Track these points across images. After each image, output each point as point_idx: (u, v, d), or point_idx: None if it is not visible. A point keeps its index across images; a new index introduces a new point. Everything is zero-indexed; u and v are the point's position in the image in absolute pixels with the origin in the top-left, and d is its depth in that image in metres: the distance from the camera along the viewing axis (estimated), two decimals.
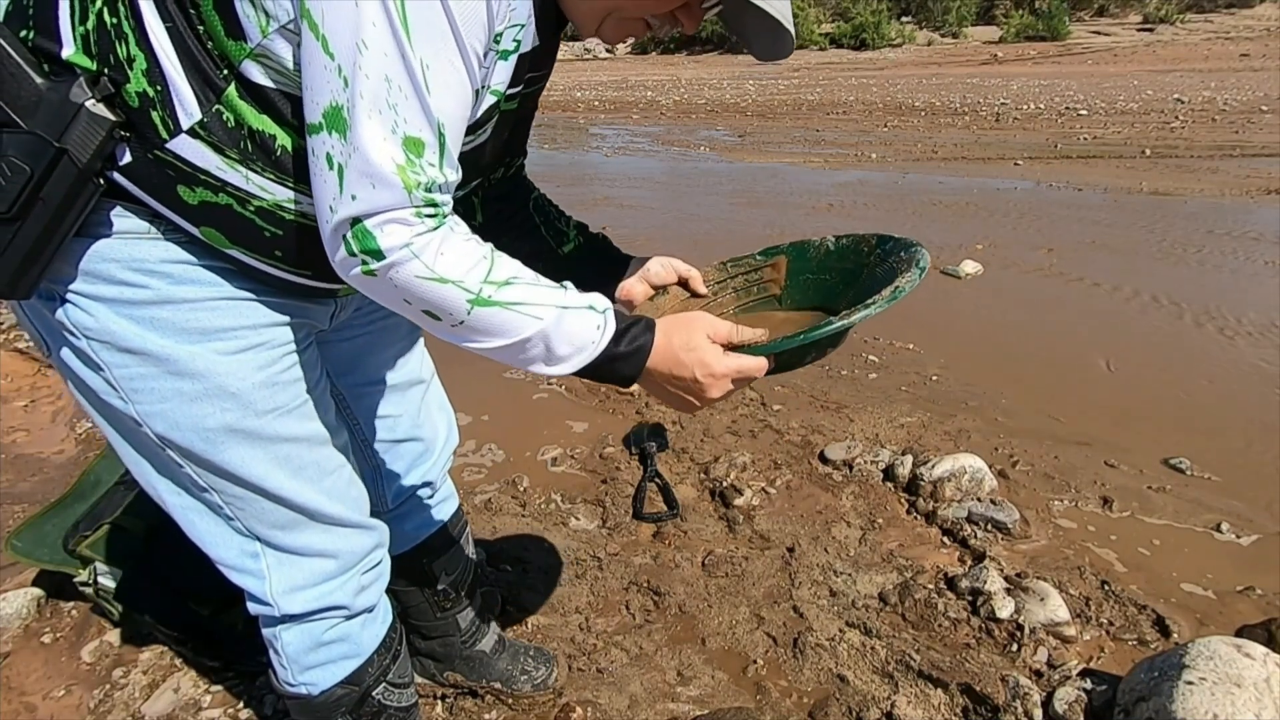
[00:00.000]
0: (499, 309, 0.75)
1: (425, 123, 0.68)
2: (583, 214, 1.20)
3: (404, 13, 0.64)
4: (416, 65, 0.66)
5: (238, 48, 0.71)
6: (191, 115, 0.72)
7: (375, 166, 0.67)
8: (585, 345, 0.80)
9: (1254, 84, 14.91)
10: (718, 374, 0.85)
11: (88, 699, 1.51)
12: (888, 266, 1.04)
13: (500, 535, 1.99)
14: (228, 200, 0.76)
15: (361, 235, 0.70)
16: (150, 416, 0.83)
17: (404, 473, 1.23)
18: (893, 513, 2.07)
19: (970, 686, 1.46)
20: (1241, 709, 1.19)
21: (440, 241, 0.73)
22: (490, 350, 0.78)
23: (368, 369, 1.13)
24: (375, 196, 0.68)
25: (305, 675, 1.02)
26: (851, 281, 1.10)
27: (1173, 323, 3.42)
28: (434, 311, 0.75)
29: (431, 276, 0.72)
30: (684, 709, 1.47)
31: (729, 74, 23.87)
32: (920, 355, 3.11)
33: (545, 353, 0.79)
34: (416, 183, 0.69)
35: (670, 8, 0.80)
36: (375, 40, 0.64)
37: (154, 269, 0.78)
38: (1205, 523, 2.00)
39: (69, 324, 0.79)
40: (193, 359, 0.81)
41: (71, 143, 0.70)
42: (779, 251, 1.19)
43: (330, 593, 0.98)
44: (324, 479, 0.94)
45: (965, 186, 6.46)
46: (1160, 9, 33.52)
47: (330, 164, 0.69)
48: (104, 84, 0.71)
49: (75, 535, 1.59)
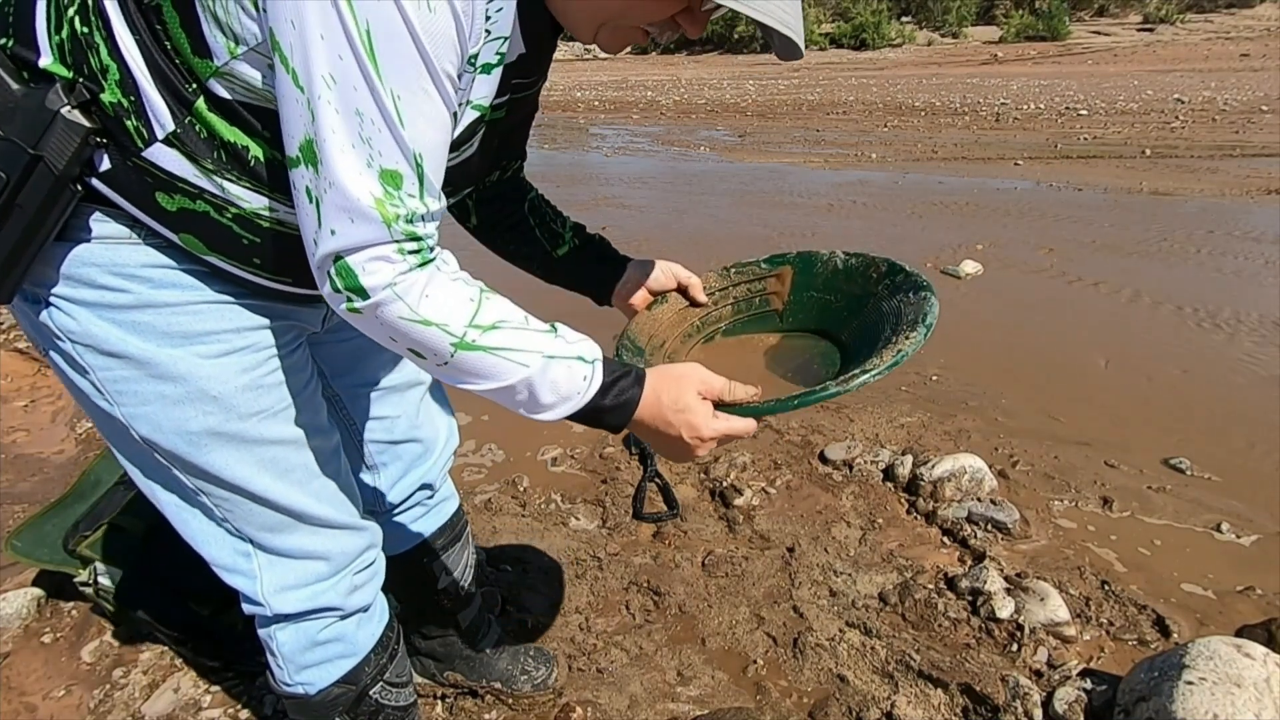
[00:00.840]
0: (483, 354, 0.74)
1: (401, 155, 0.67)
2: (582, 214, 1.20)
3: (370, 45, 0.63)
4: (387, 97, 0.64)
5: (204, 65, 0.70)
6: (165, 126, 0.72)
7: (352, 200, 0.66)
8: (570, 395, 0.79)
9: (1254, 84, 14.92)
10: (704, 437, 0.84)
11: (88, 699, 1.51)
12: (894, 303, 1.00)
13: (500, 535, 1.99)
14: (205, 207, 0.76)
15: (345, 273, 0.69)
16: (134, 419, 0.83)
17: (404, 474, 1.23)
18: (893, 513, 2.07)
19: (970, 686, 1.46)
20: (1241, 709, 1.19)
21: (425, 283, 0.72)
22: (478, 391, 0.77)
23: (365, 370, 1.12)
24: (354, 231, 0.68)
25: (301, 675, 1.02)
26: (856, 309, 1.07)
27: (1173, 323, 3.42)
28: (419, 351, 0.74)
29: (415, 319, 0.71)
30: (684, 709, 1.47)
31: (729, 74, 23.87)
32: (920, 355, 3.10)
33: (529, 399, 0.78)
34: (395, 215, 0.68)
35: (668, 14, 0.77)
36: (343, 73, 0.63)
37: (134, 273, 0.78)
38: (1205, 523, 2.00)
39: (53, 327, 0.80)
40: (174, 362, 0.81)
41: (48, 149, 0.70)
42: (785, 261, 1.16)
43: (322, 593, 0.98)
44: (312, 481, 0.94)
45: (965, 186, 6.46)
46: (1160, 9, 33.53)
47: (309, 197, 0.68)
48: (80, 90, 0.71)
49: (75, 535, 1.59)
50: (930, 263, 4.35)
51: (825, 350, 1.08)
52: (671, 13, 0.76)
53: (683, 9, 0.76)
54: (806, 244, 4.83)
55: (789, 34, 0.73)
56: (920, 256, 4.48)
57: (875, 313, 1.02)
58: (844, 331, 1.07)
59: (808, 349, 1.10)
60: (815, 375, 1.02)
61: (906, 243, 4.80)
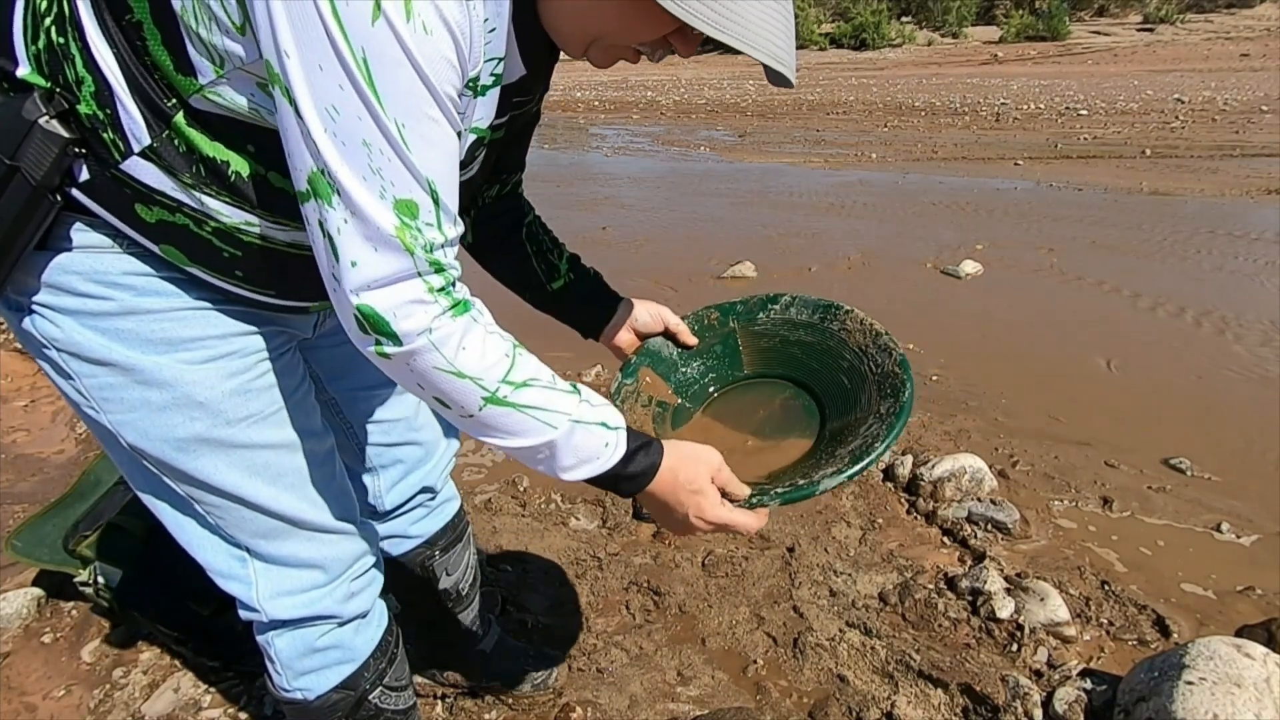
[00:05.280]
0: (512, 410, 0.74)
1: (414, 182, 0.65)
2: (582, 214, 1.20)
3: (369, 73, 0.61)
4: (391, 125, 0.63)
5: (188, 83, 0.69)
6: (141, 140, 0.71)
7: (375, 228, 0.65)
8: (591, 460, 0.79)
9: (1254, 84, 14.92)
10: (709, 521, 0.86)
11: (88, 699, 1.51)
12: (865, 369, 1.05)
13: (500, 535, 1.99)
14: (184, 220, 0.75)
15: (374, 318, 0.68)
16: (121, 426, 0.83)
17: (404, 476, 1.22)
18: (893, 513, 2.07)
19: (970, 686, 1.46)
20: (1241, 709, 1.19)
21: (463, 334, 0.71)
22: (498, 446, 0.77)
23: (361, 373, 1.11)
24: (378, 262, 0.66)
25: (300, 681, 1.01)
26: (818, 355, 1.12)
27: (1173, 323, 3.42)
28: (445, 401, 0.73)
29: (450, 370, 0.71)
30: (684, 709, 1.47)
31: (729, 74, 23.87)
32: (920, 355, 3.11)
33: (550, 459, 0.78)
34: (416, 244, 0.67)
35: (659, 35, 0.75)
36: (345, 104, 0.61)
37: (116, 280, 0.77)
38: (1205, 523, 2.00)
39: (38, 334, 0.79)
40: (159, 369, 0.80)
41: (25, 160, 0.68)
42: (733, 312, 1.19)
43: (318, 600, 0.97)
44: (305, 486, 0.93)
45: (965, 186, 6.46)
46: (1160, 9, 33.55)
47: (323, 231, 0.66)
48: (58, 101, 0.69)
49: (75, 535, 1.59)
50: (930, 263, 4.35)
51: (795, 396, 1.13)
52: (663, 33, 0.75)
53: (675, 30, 0.75)
54: (807, 244, 4.84)
55: (779, 68, 0.72)
56: (920, 256, 4.48)
57: (853, 374, 1.07)
58: (806, 371, 1.12)
59: (780, 402, 1.14)
60: (795, 429, 1.07)
61: (906, 242, 4.80)
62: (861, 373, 1.05)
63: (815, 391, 1.10)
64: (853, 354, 1.07)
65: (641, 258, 4.64)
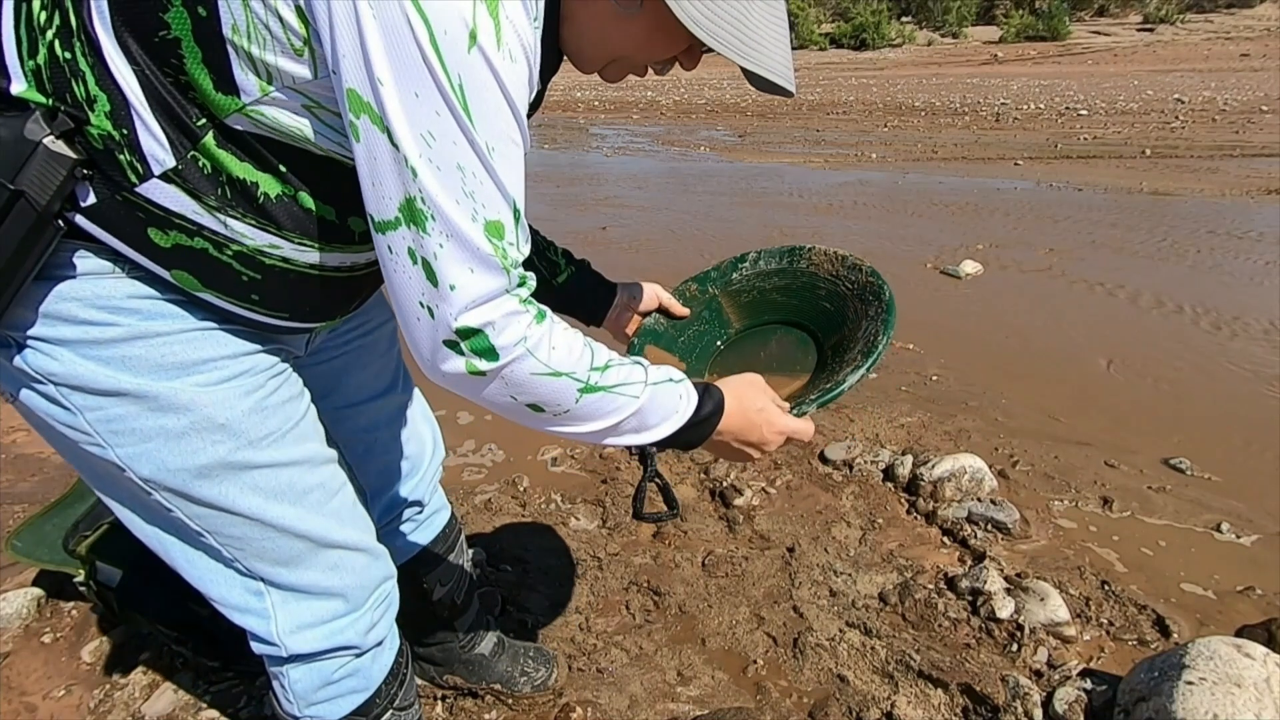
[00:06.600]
0: (604, 393, 0.77)
1: (503, 203, 0.67)
2: (582, 214, 1.22)
3: (464, 98, 0.62)
4: (484, 148, 0.64)
5: (228, 101, 0.67)
6: (164, 162, 0.68)
7: (474, 248, 0.66)
8: (671, 415, 0.83)
9: (1254, 84, 14.93)
10: (780, 432, 0.92)
11: (88, 699, 1.51)
12: (841, 289, 1.13)
13: (500, 535, 1.99)
14: (204, 244, 0.72)
15: (473, 337, 0.68)
16: (133, 459, 0.78)
17: (392, 490, 1.20)
18: (893, 513, 2.07)
19: (970, 686, 1.46)
20: (1241, 709, 1.19)
21: (548, 334, 0.72)
22: (583, 434, 0.79)
23: (347, 390, 1.10)
24: (476, 282, 0.67)
25: (311, 710, 0.99)
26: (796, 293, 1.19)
27: (1173, 322, 3.42)
28: (540, 405, 0.74)
29: (547, 371, 0.72)
30: (684, 709, 1.47)
31: (729, 74, 23.85)
32: (920, 355, 3.11)
33: (635, 428, 0.81)
34: (506, 262, 0.68)
35: (672, 54, 0.80)
36: (442, 130, 0.62)
37: (120, 305, 0.73)
38: (1205, 523, 2.00)
39: (30, 370, 0.74)
40: (174, 394, 0.76)
41: (28, 183, 0.64)
42: (708, 279, 1.27)
43: (340, 630, 0.94)
44: (329, 500, 0.91)
45: (965, 186, 6.46)
46: (1160, 9, 33.55)
47: (414, 259, 0.66)
48: (62, 119, 0.66)
49: (75, 535, 1.59)
50: (930, 263, 4.35)
51: (788, 333, 1.21)
52: (675, 53, 0.80)
53: (683, 49, 0.80)
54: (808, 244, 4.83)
55: (783, 83, 0.77)
56: (920, 256, 4.48)
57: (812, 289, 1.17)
58: (789, 311, 1.20)
59: (775, 340, 1.21)
60: (796, 359, 1.15)
61: (907, 243, 4.81)
62: (839, 293, 1.13)
63: (804, 324, 1.18)
64: (826, 281, 1.16)
65: (641, 258, 4.64)
